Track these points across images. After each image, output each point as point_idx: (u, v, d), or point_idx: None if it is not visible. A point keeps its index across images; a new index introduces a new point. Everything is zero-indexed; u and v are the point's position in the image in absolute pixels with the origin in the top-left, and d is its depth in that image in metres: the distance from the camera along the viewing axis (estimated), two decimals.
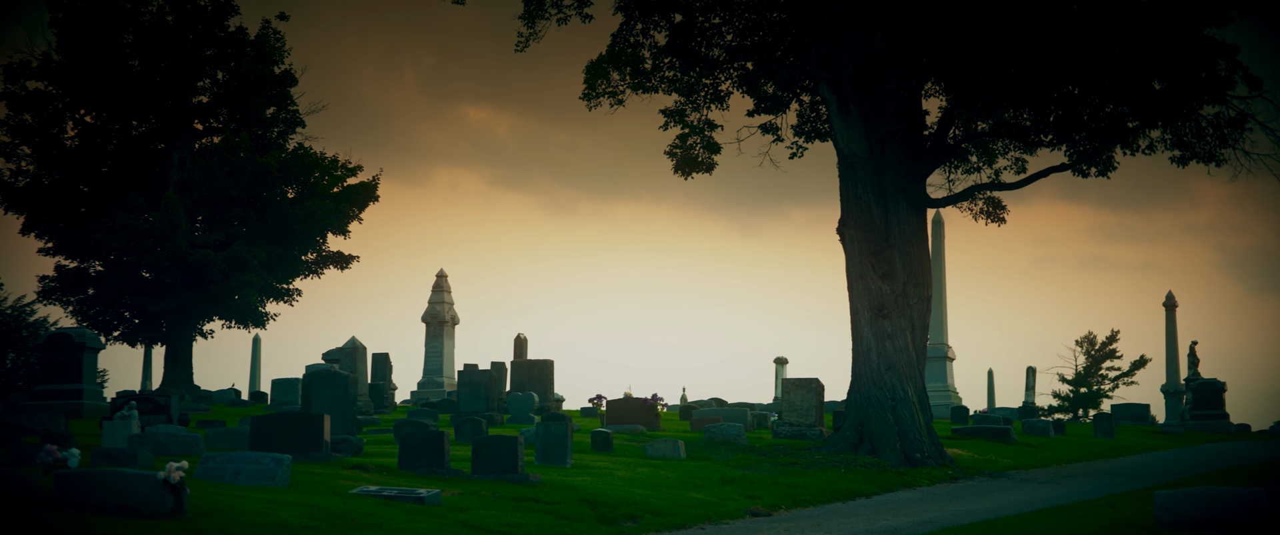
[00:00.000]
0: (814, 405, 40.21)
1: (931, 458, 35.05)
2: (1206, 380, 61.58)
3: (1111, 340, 78.86)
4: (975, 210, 39.75)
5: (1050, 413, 73.91)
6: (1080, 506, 27.06)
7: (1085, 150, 35.93)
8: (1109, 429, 49.84)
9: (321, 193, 59.43)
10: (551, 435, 29.64)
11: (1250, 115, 35.34)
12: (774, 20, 38.92)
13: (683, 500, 25.73)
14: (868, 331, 36.38)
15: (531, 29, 37.96)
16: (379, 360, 51.93)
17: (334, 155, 60.41)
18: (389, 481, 24.25)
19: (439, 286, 60.47)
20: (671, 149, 39.89)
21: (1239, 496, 21.22)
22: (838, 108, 36.77)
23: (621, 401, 43.27)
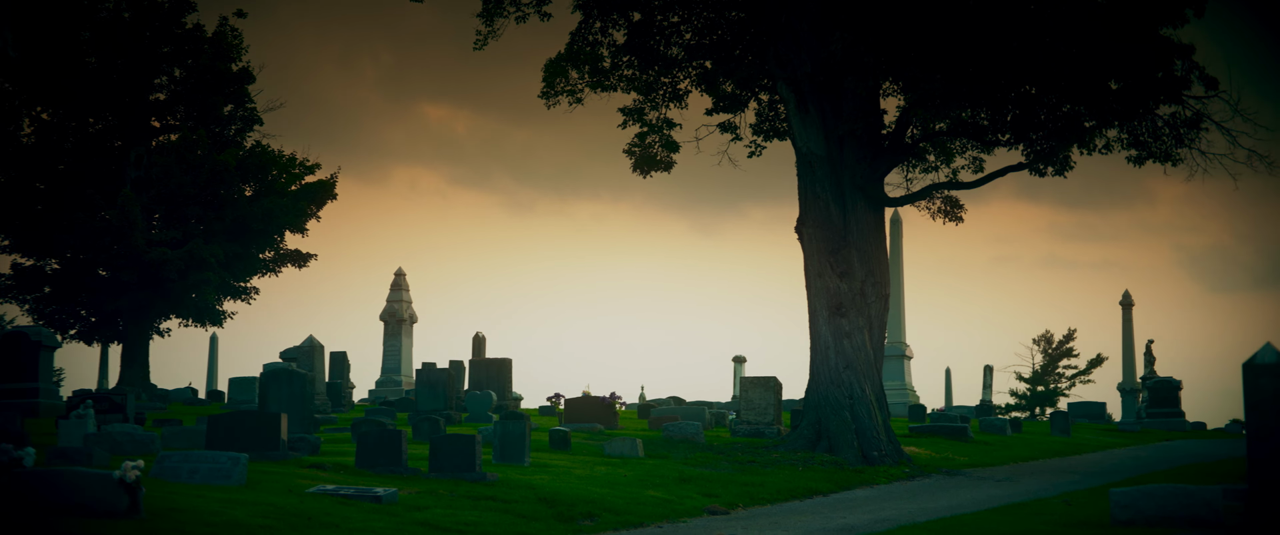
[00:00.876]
0: (772, 403, 40.28)
1: (889, 456, 35.15)
2: (1163, 378, 61.88)
3: (1068, 339, 79.19)
4: (933, 209, 39.84)
5: (1008, 411, 74.20)
6: (1036, 504, 27.18)
7: (1042, 150, 36.08)
8: (1065, 427, 50.03)
9: (279, 191, 59.26)
10: (509, 434, 29.62)
11: (1206, 115, 35.52)
12: (732, 19, 38.98)
13: (640, 499, 25.74)
14: (826, 330, 36.46)
15: (490, 27, 37.97)
16: (337, 359, 51.84)
17: (292, 153, 60.27)
18: (346, 480, 24.21)
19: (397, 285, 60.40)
20: (630, 148, 39.91)
21: (1194, 495, 21.35)
22: (796, 107, 36.85)
23: (580, 400, 43.28)
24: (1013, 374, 79.31)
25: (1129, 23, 33.34)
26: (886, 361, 57.46)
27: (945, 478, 33.83)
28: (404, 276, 60.33)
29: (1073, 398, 75.45)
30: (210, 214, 57.07)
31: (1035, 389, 77.83)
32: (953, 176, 40.05)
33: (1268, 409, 20.40)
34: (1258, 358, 20.53)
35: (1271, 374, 20.37)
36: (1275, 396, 20.38)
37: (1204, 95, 35.17)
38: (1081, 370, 78.46)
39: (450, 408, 43.47)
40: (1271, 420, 20.35)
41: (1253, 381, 20.50)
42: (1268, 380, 20.38)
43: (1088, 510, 25.43)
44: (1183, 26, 34.30)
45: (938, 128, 36.98)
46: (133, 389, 50.68)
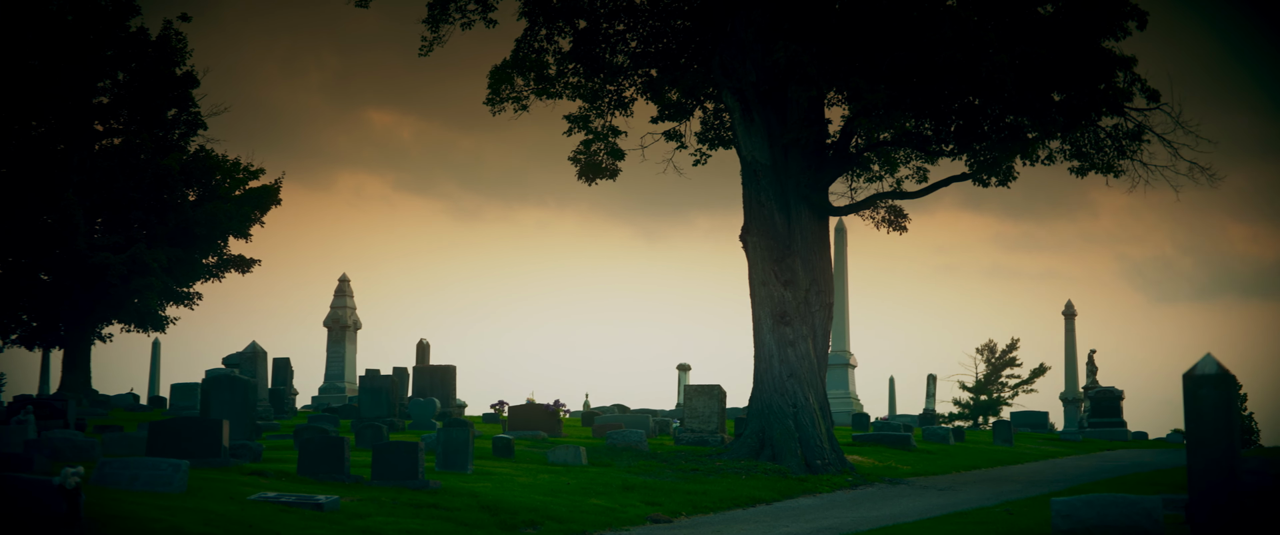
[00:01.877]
0: (716, 411, 40.29)
1: (832, 464, 35.22)
2: (1105, 388, 62.18)
3: (1012, 348, 79.55)
4: (877, 218, 39.91)
5: (951, 420, 74.47)
6: (978, 513, 27.28)
7: (986, 160, 36.25)
8: (1008, 436, 50.21)
9: (223, 195, 59.00)
10: (452, 441, 29.56)
11: (1148, 127, 35.74)
12: (678, 28, 39.01)
13: (583, 507, 25.73)
14: (770, 338, 36.51)
15: (436, 33, 37.87)
16: (280, 365, 51.63)
17: (236, 158, 60.06)
18: (288, 487, 24.11)
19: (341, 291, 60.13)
20: (575, 155, 39.87)
21: (1135, 504, 21.47)
22: (741, 115, 36.91)
23: (524, 407, 43.23)
24: (956, 383, 79.65)
25: (1072, 35, 33.54)
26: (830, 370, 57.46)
27: (888, 487, 33.92)
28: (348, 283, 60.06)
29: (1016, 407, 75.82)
30: (153, 219, 56.77)
31: (979, 398, 78.15)
32: (897, 186, 40.16)
33: (1207, 419, 20.53)
34: (1198, 368, 20.66)
35: (1211, 384, 20.51)
36: (1215, 407, 20.52)
37: (1146, 107, 35.44)
38: (1024, 380, 78.83)
39: (394, 415, 43.34)
40: (1211, 430, 20.48)
41: (1193, 392, 20.63)
42: (1207, 390, 20.52)
43: (1029, 519, 25.55)
44: (1125, 39, 34.60)
45: (882, 137, 37.08)
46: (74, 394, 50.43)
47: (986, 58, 32.53)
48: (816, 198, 37.37)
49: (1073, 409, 67.86)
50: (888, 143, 38.07)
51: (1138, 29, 34.63)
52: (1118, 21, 34.19)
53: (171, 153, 57.73)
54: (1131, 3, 34.47)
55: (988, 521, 25.57)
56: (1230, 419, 20.55)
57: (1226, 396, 20.57)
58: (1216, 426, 20.48)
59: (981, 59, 32.59)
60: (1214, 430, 20.49)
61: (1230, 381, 20.67)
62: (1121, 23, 34.26)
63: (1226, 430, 20.47)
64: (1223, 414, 20.53)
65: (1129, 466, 41.12)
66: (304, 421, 41.86)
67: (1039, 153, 36.17)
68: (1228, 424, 20.49)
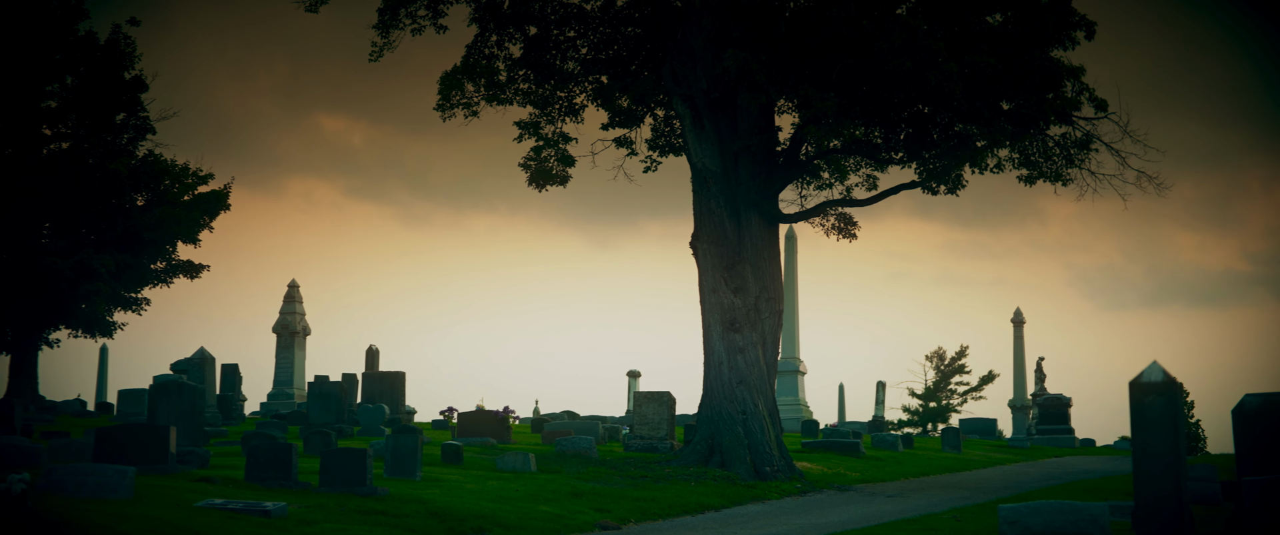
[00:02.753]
0: (665, 418, 40.31)
1: (781, 471, 35.29)
2: (1053, 395, 62.44)
3: (961, 355, 79.75)
4: (827, 226, 40.01)
5: (900, 427, 74.61)
6: (926, 520, 27.37)
7: (935, 169, 36.38)
8: (956, 443, 50.38)
9: (172, 201, 58.67)
10: (401, 448, 29.51)
11: (1096, 136, 35.91)
12: (629, 35, 39.04)
13: (532, 513, 25.72)
14: (719, 345, 36.56)
15: (386, 39, 37.77)
16: (228, 371, 51.43)
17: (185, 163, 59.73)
18: (235, 494, 24.03)
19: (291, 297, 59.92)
20: (526, 161, 39.82)
21: (1081, 511, 21.58)
22: (691, 122, 36.96)
23: (473, 414, 43.17)
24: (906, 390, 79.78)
25: (1020, 45, 33.69)
26: (780, 377, 57.65)
27: (836, 493, 33.99)
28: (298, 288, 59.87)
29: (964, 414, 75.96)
30: (101, 223, 56.42)
31: (928, 405, 78.31)
32: (847, 194, 40.23)
33: (1154, 426, 20.66)
34: (1144, 376, 20.79)
35: (1157, 391, 20.63)
36: (1161, 414, 20.65)
37: (1094, 117, 35.59)
38: (973, 387, 79.01)
39: (343, 421, 43.22)
40: (1157, 437, 20.61)
41: (1139, 399, 20.76)
42: (1154, 398, 20.65)
43: (977, 525, 25.66)
44: (1073, 49, 34.78)
45: (832, 145, 37.16)
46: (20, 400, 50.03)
47: (935, 66, 32.64)
48: (767, 205, 37.43)
49: (1021, 416, 68.12)
50: (838, 150, 38.14)
51: (1086, 39, 34.84)
52: (1066, 31, 34.38)
53: (120, 157, 57.37)
54: (1080, 13, 34.68)
55: (935, 528, 25.67)
56: (1176, 426, 20.68)
57: (1172, 404, 20.71)
58: (1162, 434, 20.61)
59: (930, 67, 32.70)
60: (1160, 437, 20.62)
61: (1176, 389, 20.81)
62: (1069, 32, 34.45)
63: (1172, 437, 20.60)
64: (1169, 421, 20.66)
65: (1076, 473, 41.32)
66: (252, 428, 41.70)
67: (988, 161, 36.27)
68: (1174, 431, 20.62)
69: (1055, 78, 33.84)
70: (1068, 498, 29.02)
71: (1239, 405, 24.02)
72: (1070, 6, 34.74)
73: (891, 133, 36.91)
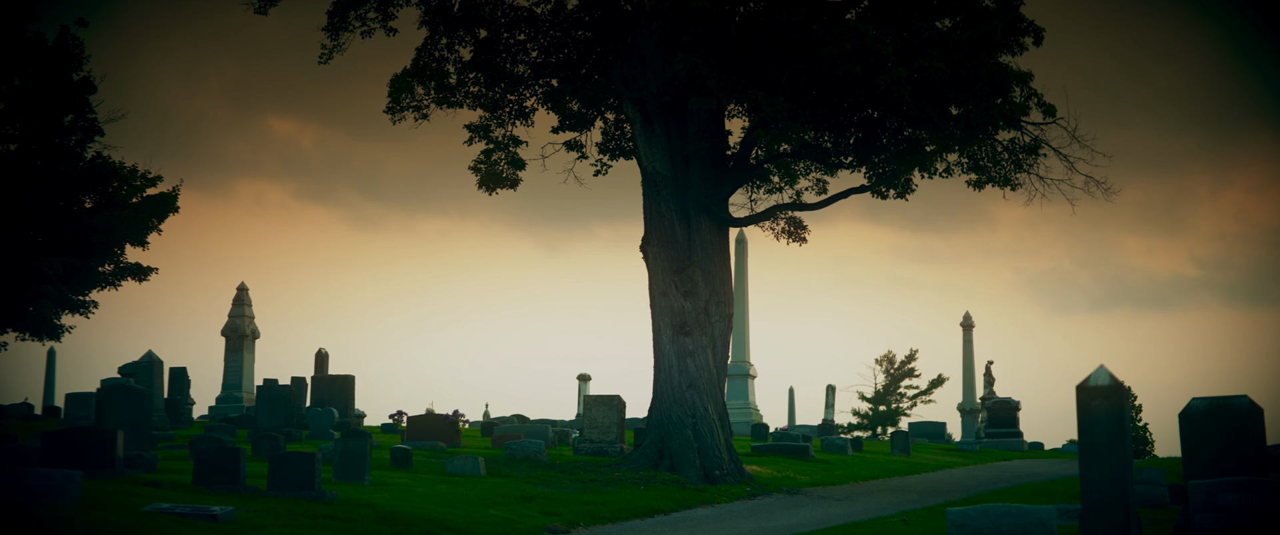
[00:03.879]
0: (615, 422, 40.31)
1: (730, 475, 35.32)
2: (1001, 399, 62.69)
3: (910, 359, 79.91)
4: (777, 229, 40.05)
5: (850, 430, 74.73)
6: (874, 523, 27.45)
7: (884, 173, 36.46)
8: (906, 446, 50.53)
9: (120, 203, 58.36)
10: (350, 452, 29.43)
11: (1044, 141, 36.05)
12: (579, 38, 39.04)
13: (481, 518, 25.68)
14: (670, 349, 36.58)
15: (335, 41, 37.68)
16: (177, 374, 51.19)
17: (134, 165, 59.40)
18: (182, 498, 23.91)
19: (240, 300, 59.72)
20: (476, 164, 39.76)
21: (1029, 514, 21.67)
22: (642, 126, 36.99)
23: (423, 417, 43.08)
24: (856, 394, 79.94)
25: (969, 50, 33.80)
26: (730, 381, 57.73)
27: (786, 497, 34.06)
28: (247, 291, 59.67)
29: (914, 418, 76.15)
30: (49, 226, 56.09)
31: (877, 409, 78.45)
32: (797, 198, 40.30)
33: (1100, 430, 20.76)
34: (1091, 380, 20.88)
35: (1104, 395, 20.73)
36: (1108, 418, 20.75)
37: (1042, 122, 35.72)
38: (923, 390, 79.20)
39: (292, 425, 43.07)
40: (1104, 441, 20.71)
41: (1086, 403, 20.85)
42: (1101, 402, 20.75)
43: (925, 529, 25.75)
44: (1022, 54, 34.90)
45: (781, 149, 37.22)
46: None
47: (884, 71, 32.73)
48: (717, 209, 37.47)
49: (970, 420, 68.38)
50: (787, 154, 38.21)
51: (1034, 45, 34.96)
52: (1014, 37, 34.51)
53: (68, 159, 57.04)
54: (1028, 19, 34.80)
55: (884, 531, 25.74)
56: (1123, 430, 20.78)
57: (1119, 408, 20.81)
58: (1109, 437, 20.71)
59: (879, 72, 32.78)
60: (1107, 441, 20.71)
61: (1123, 393, 20.91)
62: (1018, 38, 34.58)
63: (1119, 441, 20.70)
64: (1115, 425, 20.76)
65: (1024, 477, 41.51)
66: (200, 431, 41.54)
67: (937, 165, 36.38)
68: (1120, 435, 20.72)
69: (1004, 83, 33.95)
70: (1016, 501, 29.15)
71: (1186, 409, 24.15)
72: (1018, 12, 34.89)
73: (841, 137, 36.98)
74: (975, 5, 35.02)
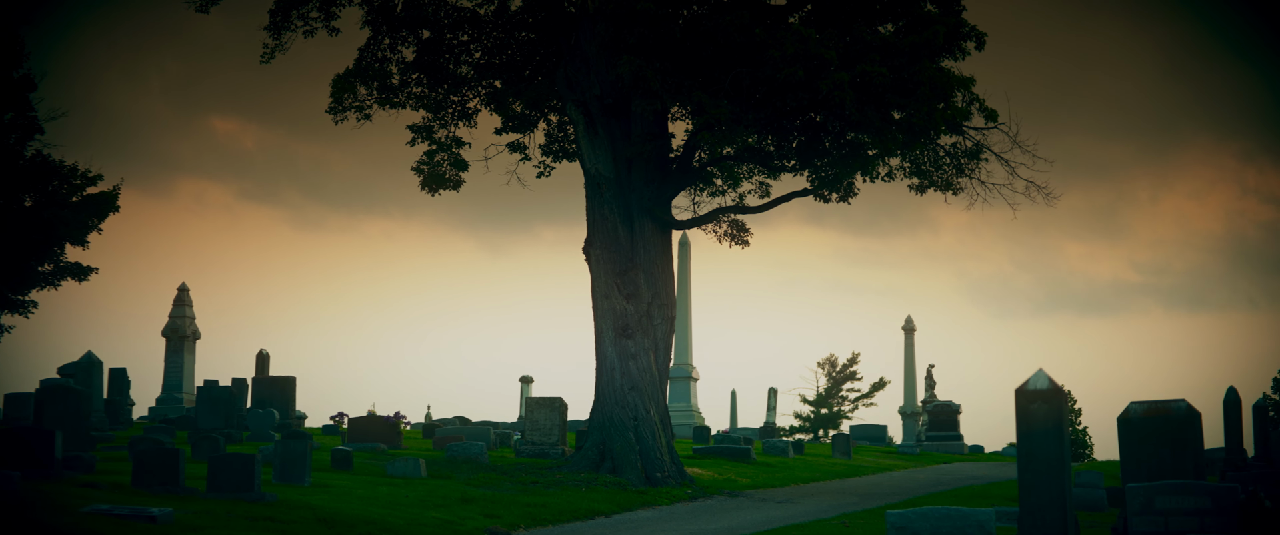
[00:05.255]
0: (557, 424, 40.30)
1: (672, 477, 35.37)
2: (942, 402, 62.96)
3: (852, 362, 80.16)
4: (720, 232, 40.10)
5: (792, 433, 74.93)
6: (815, 525, 27.54)
7: (827, 176, 36.56)
8: (847, 449, 50.69)
9: (60, 202, 58.00)
10: (290, 453, 29.35)
11: (986, 146, 36.25)
12: (523, 40, 39.01)
13: (421, 519, 25.64)
14: (612, 351, 36.60)
15: (278, 40, 37.55)
16: (117, 375, 50.89)
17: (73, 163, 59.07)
18: (121, 500, 23.80)
19: (181, 300, 59.37)
20: (419, 165, 39.69)
21: (968, 516, 21.79)
22: (585, 128, 37.00)
23: (364, 419, 42.99)
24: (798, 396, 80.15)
25: (911, 55, 33.93)
26: (672, 383, 57.79)
27: (727, 499, 34.12)
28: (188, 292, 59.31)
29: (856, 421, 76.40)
30: None
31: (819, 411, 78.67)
32: (740, 201, 40.37)
33: (1039, 433, 20.86)
34: (1030, 383, 20.99)
35: (1043, 399, 20.84)
36: (1046, 421, 20.85)
37: (984, 127, 35.93)
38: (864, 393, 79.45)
39: (232, 426, 42.88)
40: (1042, 444, 20.81)
41: (1024, 406, 20.96)
42: (1039, 405, 20.85)
43: (865, 531, 25.85)
44: (964, 59, 35.07)
45: (725, 152, 37.29)
46: None
47: (827, 75, 32.82)
48: (660, 212, 37.50)
49: (911, 423, 68.66)
50: (731, 158, 38.29)
51: (976, 50, 35.14)
52: (956, 42, 34.67)
53: (7, 158, 56.66)
54: (970, 24, 34.98)
55: (825, 533, 25.82)
56: (1061, 433, 20.89)
57: (1058, 411, 20.92)
58: (1048, 440, 20.81)
59: (822, 76, 32.87)
60: (1045, 444, 20.81)
61: (1062, 396, 21.02)
62: (960, 44, 34.74)
63: (1058, 444, 20.81)
64: (1054, 428, 20.87)
65: (964, 479, 41.71)
66: (140, 432, 41.31)
67: (879, 169, 36.51)
68: (1059, 438, 20.83)
69: (946, 88, 34.09)
70: (955, 503, 29.29)
71: (1125, 413, 24.32)
72: (961, 18, 35.06)
73: (784, 141, 37.07)
74: (918, 10, 35.16)
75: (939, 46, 34.21)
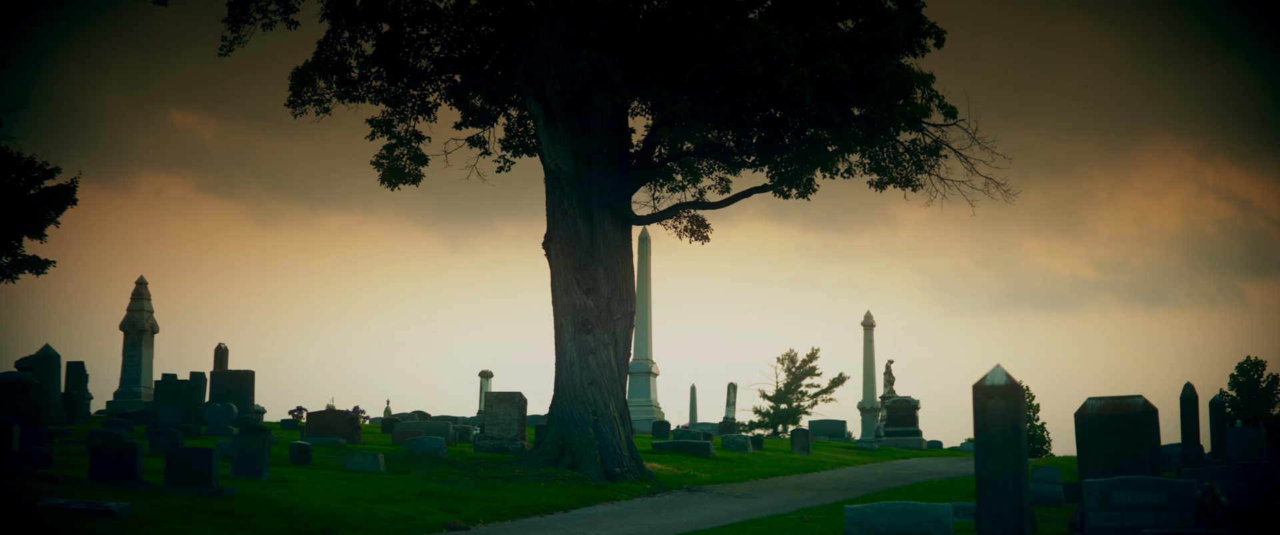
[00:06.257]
0: (516, 419, 40.29)
1: (631, 472, 35.38)
2: (901, 398, 63.12)
3: (812, 358, 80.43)
4: (680, 228, 40.12)
5: (751, 428, 75.14)
6: (773, 520, 27.59)
7: (786, 172, 36.60)
8: (806, 445, 50.79)
9: (18, 195, 57.74)
10: (248, 447, 29.28)
11: (945, 143, 36.31)
12: (482, 34, 38.96)
13: (380, 514, 25.60)
14: (571, 346, 36.59)
15: (236, 33, 37.38)
16: (75, 369, 50.70)
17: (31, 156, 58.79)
18: (79, 494, 23.70)
19: (139, 294, 59.16)
20: (378, 159, 39.59)
21: (925, 511, 21.86)
22: (545, 123, 36.97)
23: (323, 414, 42.89)
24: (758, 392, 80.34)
25: (871, 51, 33.97)
26: (632, 378, 57.82)
27: (686, 494, 34.15)
28: (146, 286, 59.08)
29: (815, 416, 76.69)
30: None
31: (779, 407, 78.90)
32: (700, 196, 40.40)
33: (996, 428, 20.96)
34: (988, 379, 21.07)
35: (1000, 395, 20.92)
36: (1003, 416, 20.94)
37: (943, 123, 35.99)
38: (824, 389, 79.75)
39: (190, 420, 42.76)
40: (999, 439, 20.90)
41: (982, 402, 21.05)
42: (997, 401, 20.94)
43: (823, 526, 25.91)
44: (923, 56, 35.13)
45: (685, 148, 37.32)
46: None
47: (787, 71, 32.84)
48: (620, 207, 37.50)
49: (870, 418, 68.81)
50: (691, 153, 38.31)
51: (936, 46, 35.22)
52: (916, 39, 34.75)
53: None
54: (930, 21, 35.05)
55: (783, 528, 25.87)
56: (1018, 429, 20.98)
57: (1015, 407, 21.01)
58: (1005, 436, 20.91)
59: (782, 72, 32.89)
60: (1002, 439, 20.91)
61: (1019, 392, 21.11)
62: (920, 40, 34.81)
63: (1015, 440, 20.90)
64: (1011, 424, 20.96)
65: (923, 475, 41.82)
66: (98, 427, 41.15)
67: (839, 166, 36.55)
68: (1016, 434, 20.92)
69: (905, 84, 34.14)
70: (913, 498, 29.37)
71: (1082, 408, 24.43)
72: (920, 15, 35.14)
73: (744, 136, 37.09)
74: (878, 7, 35.22)
75: (899, 43, 34.27)
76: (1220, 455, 41.75)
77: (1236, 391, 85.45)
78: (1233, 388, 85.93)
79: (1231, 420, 59.54)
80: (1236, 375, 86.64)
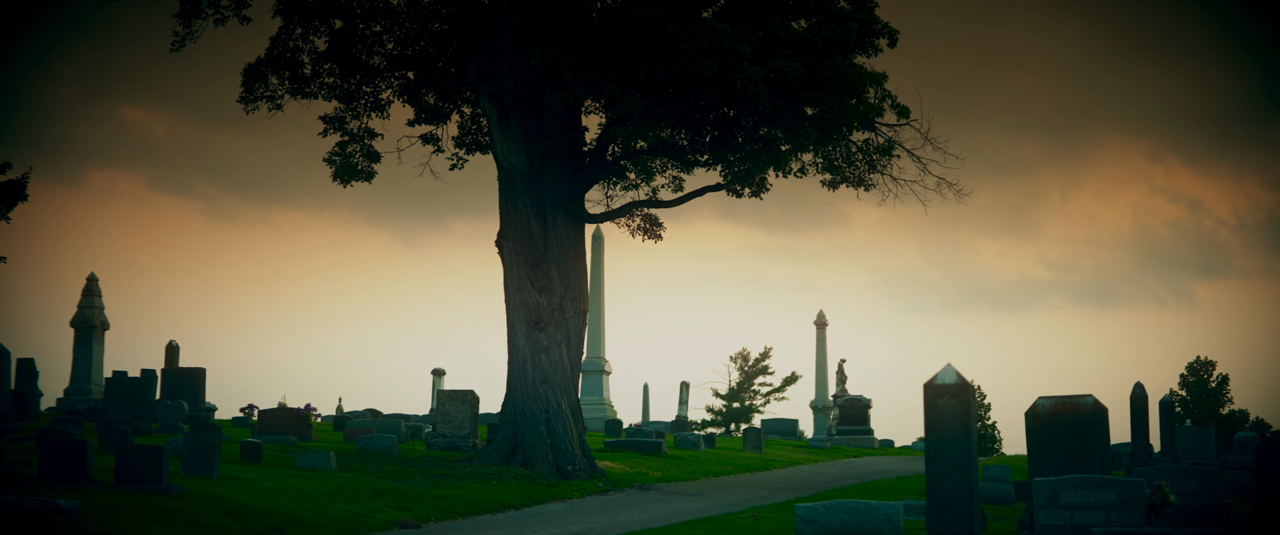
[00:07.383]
0: (469, 417, 40.26)
1: (583, 470, 35.39)
2: (853, 397, 63.30)
3: (764, 357, 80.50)
4: (633, 226, 40.17)
5: (704, 427, 75.20)
6: (725, 518, 27.64)
7: (740, 171, 36.67)
8: (758, 443, 50.87)
9: None
10: (199, 445, 29.17)
11: (898, 143, 36.40)
12: (436, 31, 38.88)
13: (331, 512, 25.54)
14: (524, 344, 36.58)
15: (188, 29, 37.16)
16: (24, 366, 50.42)
17: None
18: (29, 491, 23.58)
19: (90, 290, 58.89)
20: (331, 156, 39.50)
21: (876, 510, 21.94)
22: (498, 121, 36.93)
23: (274, 411, 42.75)
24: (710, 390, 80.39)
25: (825, 50, 34.02)
26: (585, 377, 57.80)
27: (638, 492, 34.18)
28: (97, 282, 58.81)
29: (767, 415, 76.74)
30: None
31: (731, 406, 78.96)
32: (653, 195, 40.43)
33: (947, 427, 21.05)
34: (938, 378, 21.16)
35: (951, 393, 21.01)
36: (954, 415, 21.03)
37: (896, 123, 36.07)
38: (776, 388, 79.82)
39: (141, 418, 42.56)
40: (950, 438, 20.99)
41: (933, 401, 21.13)
42: (947, 399, 21.03)
43: (775, 524, 25.96)
44: (877, 56, 35.23)
45: (638, 146, 37.34)
46: None
47: (740, 70, 32.87)
48: (573, 205, 37.51)
49: (822, 417, 68.94)
50: (644, 151, 38.34)
51: (889, 46, 35.32)
52: (869, 38, 34.84)
53: None
54: (883, 21, 35.15)
55: (734, 527, 25.92)
56: (969, 427, 21.08)
57: (965, 406, 21.10)
58: (955, 434, 21.00)
59: (735, 71, 32.92)
60: (953, 438, 21.00)
61: (969, 391, 21.20)
62: (873, 40, 34.91)
63: (965, 438, 20.99)
64: (961, 422, 21.06)
65: (874, 473, 41.96)
66: (48, 424, 40.93)
67: (792, 165, 36.63)
68: (966, 432, 21.01)
69: (858, 84, 34.21)
70: (865, 497, 29.46)
71: (1032, 407, 24.54)
72: (874, 15, 35.24)
73: (697, 135, 37.14)
74: (831, 6, 35.29)
75: (852, 43, 34.35)
76: (1170, 454, 41.96)
77: (1186, 391, 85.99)
78: (1182, 387, 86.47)
79: (1181, 420, 59.89)
80: (1186, 375, 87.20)
